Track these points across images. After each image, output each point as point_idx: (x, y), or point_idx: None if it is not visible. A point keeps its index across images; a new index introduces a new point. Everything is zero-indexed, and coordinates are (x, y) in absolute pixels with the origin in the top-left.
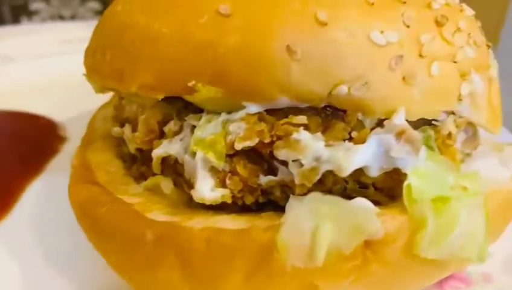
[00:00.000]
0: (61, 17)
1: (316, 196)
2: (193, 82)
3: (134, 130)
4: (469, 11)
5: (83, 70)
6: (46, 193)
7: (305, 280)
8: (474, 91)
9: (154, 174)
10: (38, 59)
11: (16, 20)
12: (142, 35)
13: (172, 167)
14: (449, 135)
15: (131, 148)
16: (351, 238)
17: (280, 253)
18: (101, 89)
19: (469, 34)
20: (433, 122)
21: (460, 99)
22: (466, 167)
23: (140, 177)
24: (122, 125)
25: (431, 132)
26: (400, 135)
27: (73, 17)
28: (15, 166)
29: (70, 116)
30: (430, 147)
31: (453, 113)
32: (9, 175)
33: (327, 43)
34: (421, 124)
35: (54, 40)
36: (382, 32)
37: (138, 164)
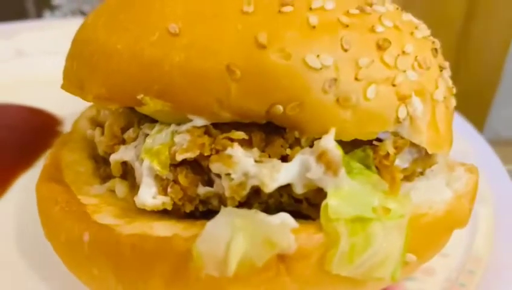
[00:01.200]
0: (82, 12)
1: (233, 209)
2: (141, 95)
3: (103, 133)
4: (423, 32)
5: None
6: (32, 187)
7: (219, 289)
8: (413, 114)
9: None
10: (49, 54)
11: (39, 14)
12: (99, 50)
13: (130, 172)
14: (387, 155)
15: (100, 150)
16: (263, 250)
17: (195, 262)
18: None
19: (416, 56)
20: (375, 142)
21: (399, 122)
22: (412, 186)
23: (107, 178)
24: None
25: (370, 152)
26: (320, 156)
27: None
28: (6, 159)
29: (72, 112)
30: (367, 167)
31: (396, 134)
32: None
33: (264, 65)
34: (363, 143)
35: (66, 36)
36: (318, 56)
37: (106, 165)
